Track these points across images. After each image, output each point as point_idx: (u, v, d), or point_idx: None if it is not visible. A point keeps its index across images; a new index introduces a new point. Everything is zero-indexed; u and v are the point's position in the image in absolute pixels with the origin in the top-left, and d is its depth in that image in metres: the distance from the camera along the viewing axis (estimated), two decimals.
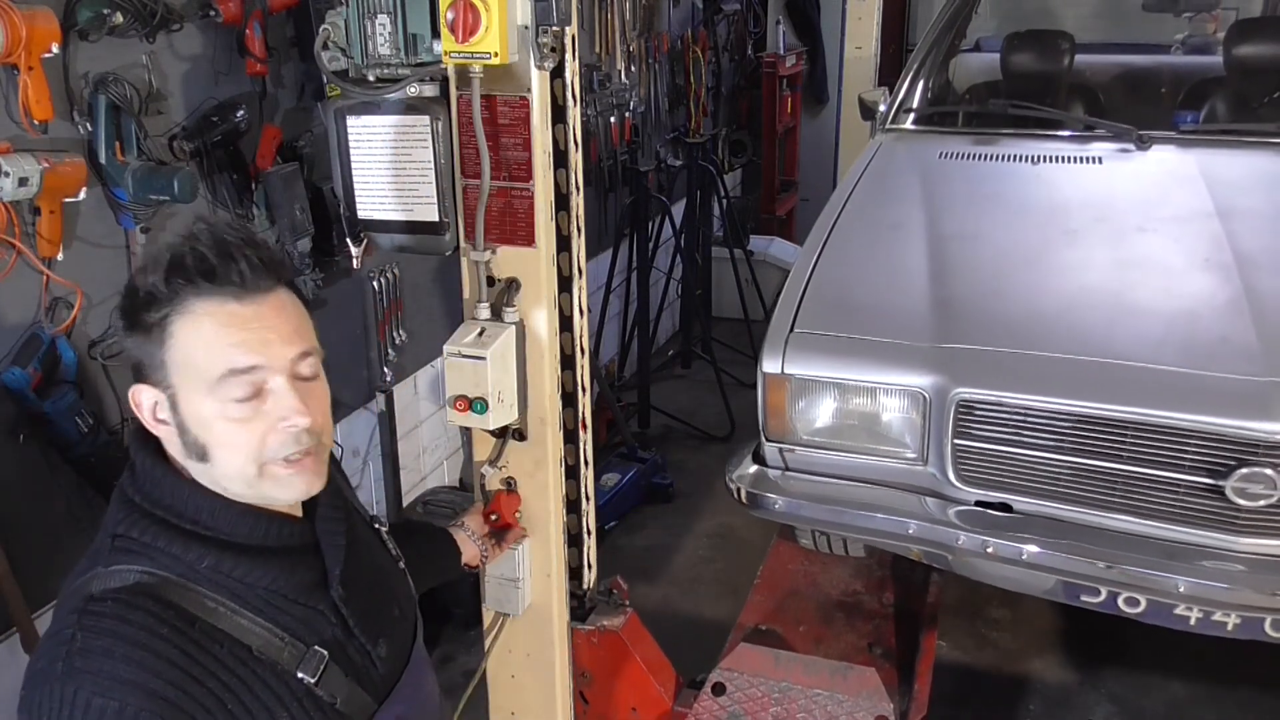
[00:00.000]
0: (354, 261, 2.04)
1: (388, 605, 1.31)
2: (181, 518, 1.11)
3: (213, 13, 2.29)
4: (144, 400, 1.11)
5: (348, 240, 1.94)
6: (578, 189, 1.89)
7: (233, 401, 1.08)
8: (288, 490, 1.14)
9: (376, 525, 1.40)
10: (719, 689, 2.20)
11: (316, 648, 1.15)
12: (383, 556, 1.37)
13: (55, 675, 1.02)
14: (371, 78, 1.73)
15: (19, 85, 1.89)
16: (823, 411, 2.37)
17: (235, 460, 1.10)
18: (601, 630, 2.13)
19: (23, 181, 1.87)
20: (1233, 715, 2.83)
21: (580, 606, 2.17)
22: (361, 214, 1.86)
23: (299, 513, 1.20)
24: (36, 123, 1.93)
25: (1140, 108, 3.95)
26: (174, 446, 1.12)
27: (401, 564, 1.41)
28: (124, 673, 1.02)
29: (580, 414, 2.03)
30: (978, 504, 2.26)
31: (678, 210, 4.96)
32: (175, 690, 1.03)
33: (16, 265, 1.94)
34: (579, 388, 2.01)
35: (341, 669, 1.17)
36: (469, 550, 1.81)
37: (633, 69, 4.67)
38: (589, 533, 2.13)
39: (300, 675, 1.13)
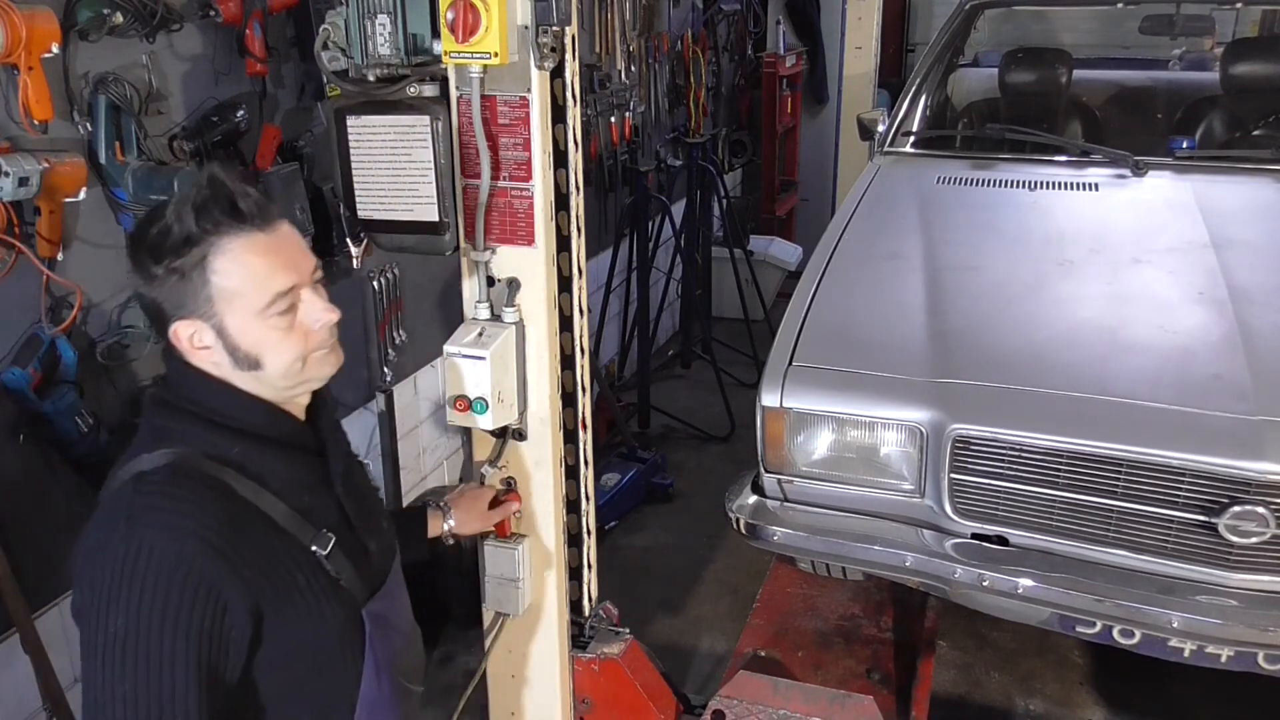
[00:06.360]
0: (354, 261, 2.04)
1: (376, 515, 1.50)
2: (213, 412, 1.28)
3: (213, 13, 2.29)
4: (182, 333, 1.26)
5: (348, 240, 1.94)
6: (578, 189, 1.89)
7: (278, 315, 1.26)
8: (325, 368, 1.34)
9: (360, 459, 1.55)
10: (718, 716, 2.21)
11: (325, 530, 1.32)
12: (366, 481, 1.55)
13: (119, 533, 1.18)
14: (371, 78, 1.73)
15: (19, 85, 1.89)
16: (821, 444, 2.39)
17: (286, 360, 1.28)
18: (602, 658, 2.14)
19: (23, 181, 1.87)
20: (1231, 715, 2.84)
21: (581, 634, 2.18)
22: (361, 214, 1.86)
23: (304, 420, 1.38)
24: (36, 123, 1.93)
25: (1137, 128, 3.98)
26: (219, 364, 1.28)
27: (380, 493, 1.53)
28: (180, 522, 1.18)
29: (580, 414, 2.03)
30: (974, 537, 2.28)
31: (678, 210, 4.96)
32: (222, 540, 1.19)
33: (17, 265, 1.94)
34: (579, 388, 2.01)
35: (343, 553, 1.34)
36: (434, 524, 1.83)
37: (633, 69, 4.67)
38: (589, 533, 2.14)
39: (313, 548, 1.30)
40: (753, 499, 2.49)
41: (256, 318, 1.25)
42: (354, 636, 1.37)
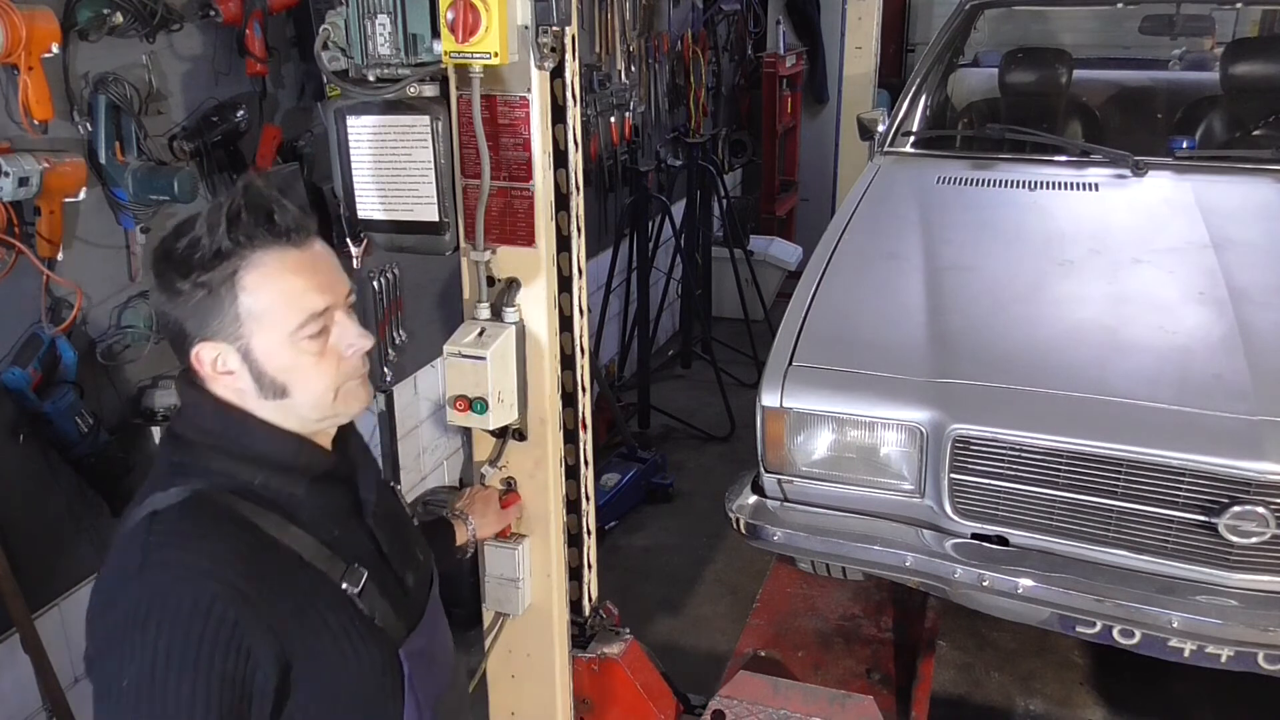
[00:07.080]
0: (354, 261, 2.03)
1: (411, 545, 1.40)
2: (232, 443, 1.18)
3: (213, 13, 2.29)
4: (205, 356, 1.16)
5: (348, 240, 1.93)
6: (578, 189, 1.89)
7: (309, 339, 1.17)
8: (358, 402, 1.25)
9: (391, 484, 1.48)
10: (718, 716, 2.21)
11: (357, 565, 1.22)
12: (400, 507, 1.46)
13: (132, 574, 1.09)
14: (371, 78, 1.73)
15: (19, 85, 1.89)
16: (821, 444, 2.39)
17: (317, 390, 1.20)
18: (602, 658, 2.14)
19: (23, 181, 1.87)
20: (1231, 715, 2.83)
21: (581, 634, 2.17)
22: (361, 214, 1.86)
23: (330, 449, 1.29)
24: (36, 123, 1.93)
25: (1137, 128, 3.98)
26: (243, 391, 1.18)
27: (416, 521, 1.50)
28: (198, 563, 1.09)
29: (580, 414, 2.03)
30: (974, 537, 2.28)
31: (678, 210, 4.96)
32: (244, 583, 1.09)
33: (17, 265, 1.94)
34: (579, 388, 2.01)
35: (377, 588, 1.24)
36: (460, 533, 1.82)
37: (633, 69, 4.67)
38: (589, 533, 2.13)
39: (344, 586, 1.20)
40: (753, 499, 2.49)
41: (287, 340, 1.16)
42: (391, 678, 1.26)
